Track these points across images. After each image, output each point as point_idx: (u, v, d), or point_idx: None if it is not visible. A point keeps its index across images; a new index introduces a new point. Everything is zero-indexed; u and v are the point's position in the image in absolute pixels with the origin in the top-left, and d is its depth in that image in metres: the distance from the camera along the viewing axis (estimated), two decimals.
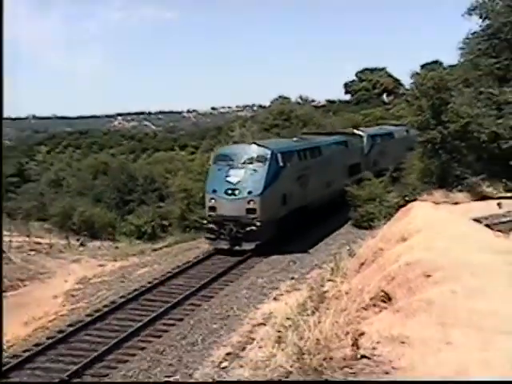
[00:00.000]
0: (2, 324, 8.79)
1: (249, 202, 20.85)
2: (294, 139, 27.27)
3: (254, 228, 20.63)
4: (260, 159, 21.62)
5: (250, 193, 20.92)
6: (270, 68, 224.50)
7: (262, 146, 22.43)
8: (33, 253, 23.23)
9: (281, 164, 21.99)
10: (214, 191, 21.52)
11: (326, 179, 26.86)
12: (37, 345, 13.52)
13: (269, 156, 21.63)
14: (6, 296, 18.33)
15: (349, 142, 31.38)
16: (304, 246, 21.88)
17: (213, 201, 21.50)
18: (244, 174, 21.31)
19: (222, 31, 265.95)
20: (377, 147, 34.80)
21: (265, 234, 20.86)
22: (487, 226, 14.40)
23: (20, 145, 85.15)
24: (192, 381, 10.28)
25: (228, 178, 21.32)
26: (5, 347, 13.92)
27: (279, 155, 22.01)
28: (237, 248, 20.79)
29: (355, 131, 35.25)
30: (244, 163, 21.62)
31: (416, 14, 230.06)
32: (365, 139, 33.91)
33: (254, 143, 23.35)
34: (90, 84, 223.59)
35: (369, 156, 33.38)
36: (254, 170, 21.36)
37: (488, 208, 22.09)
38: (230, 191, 21.13)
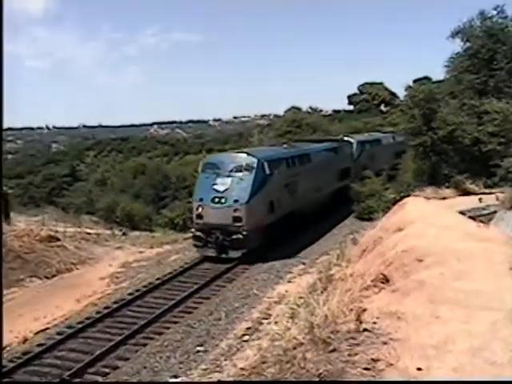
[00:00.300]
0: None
1: (235, 211, 18.47)
2: (284, 147, 24.70)
3: (240, 236, 18.28)
4: (247, 168, 19.23)
5: (236, 201, 18.55)
6: (285, 83, 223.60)
7: (249, 155, 20.00)
8: (83, 241, 23.35)
9: (267, 172, 19.55)
10: (201, 199, 19.20)
11: (316, 184, 24.41)
12: (88, 318, 13.69)
13: (255, 164, 19.26)
14: (63, 277, 18.57)
15: (339, 148, 29.46)
16: (311, 237, 21.70)
17: (200, 209, 19.10)
18: (231, 183, 18.93)
19: (242, 51, 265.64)
20: (366, 153, 33.23)
21: (251, 242, 18.51)
22: (470, 217, 14.35)
23: (72, 150, 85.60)
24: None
25: (215, 187, 18.97)
26: (58, 321, 14.10)
27: (266, 163, 19.58)
28: (223, 256, 18.54)
29: (345, 138, 33.45)
30: (231, 171, 19.21)
31: (410, 36, 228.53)
32: (354, 145, 32.33)
33: (242, 152, 20.99)
34: (130, 98, 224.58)
35: (358, 161, 31.82)
36: (241, 179, 19.01)
37: (471, 202, 22.04)
38: (216, 199, 18.76)
